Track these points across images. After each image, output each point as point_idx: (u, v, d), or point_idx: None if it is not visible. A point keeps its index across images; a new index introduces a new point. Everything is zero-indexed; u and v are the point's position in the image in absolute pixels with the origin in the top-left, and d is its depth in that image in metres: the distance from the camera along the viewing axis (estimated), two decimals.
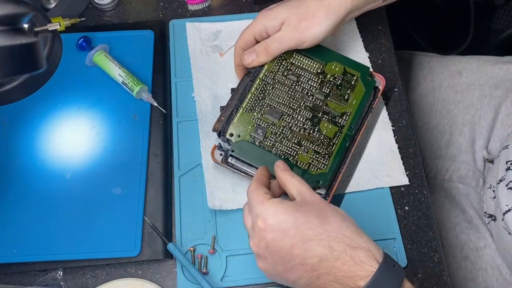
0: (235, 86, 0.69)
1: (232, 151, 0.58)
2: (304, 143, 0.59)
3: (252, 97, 0.61)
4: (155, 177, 0.63)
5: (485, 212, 0.74)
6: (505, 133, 0.77)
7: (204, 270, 0.58)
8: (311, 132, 0.60)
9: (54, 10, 0.73)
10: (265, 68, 0.62)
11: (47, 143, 0.65)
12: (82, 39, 0.70)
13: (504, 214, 0.65)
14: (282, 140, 0.59)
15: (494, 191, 0.70)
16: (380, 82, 0.64)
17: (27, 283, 0.58)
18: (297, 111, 0.61)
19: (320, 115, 0.61)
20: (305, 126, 0.60)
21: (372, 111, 0.63)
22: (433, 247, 0.60)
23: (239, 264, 0.59)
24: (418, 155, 0.66)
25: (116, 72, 0.67)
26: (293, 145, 0.59)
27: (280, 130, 0.60)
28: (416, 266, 0.59)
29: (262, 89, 0.62)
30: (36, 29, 0.43)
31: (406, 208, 0.63)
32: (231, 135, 0.59)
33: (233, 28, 0.73)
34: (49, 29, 0.44)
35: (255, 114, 0.60)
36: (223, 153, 0.61)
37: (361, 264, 0.42)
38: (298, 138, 0.59)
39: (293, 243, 0.43)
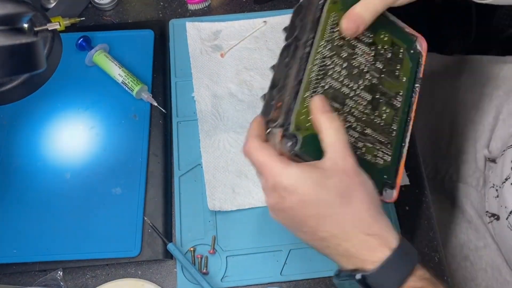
0: (235, 86, 0.69)
1: (302, 148, 0.44)
2: (368, 131, 0.49)
3: (313, 76, 0.47)
4: (155, 177, 0.63)
5: (487, 212, 0.73)
6: (507, 132, 0.77)
7: (204, 271, 0.58)
8: (372, 118, 0.50)
9: (54, 9, 0.73)
10: (318, 36, 0.48)
11: (47, 143, 0.65)
12: (82, 39, 0.70)
13: (510, 213, 0.65)
14: (348, 130, 0.48)
15: (497, 190, 0.70)
16: (422, 45, 0.56)
17: (27, 283, 0.58)
18: (357, 93, 0.49)
19: (378, 96, 0.50)
20: (366, 111, 0.49)
21: (421, 80, 0.55)
22: (433, 247, 0.60)
23: (239, 264, 0.59)
24: (418, 155, 0.66)
25: (116, 72, 0.67)
26: (359, 135, 0.49)
27: (344, 118, 0.48)
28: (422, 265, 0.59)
29: (322, 64, 0.47)
30: (36, 29, 0.44)
31: (406, 208, 0.62)
32: (298, 128, 0.45)
33: (233, 28, 0.73)
34: (49, 28, 0.44)
35: None
36: (289, 142, 0.45)
37: (371, 250, 0.41)
38: (362, 126, 0.49)
39: (309, 215, 0.42)
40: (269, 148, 0.44)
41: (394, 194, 0.51)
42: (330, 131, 0.43)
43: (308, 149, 0.45)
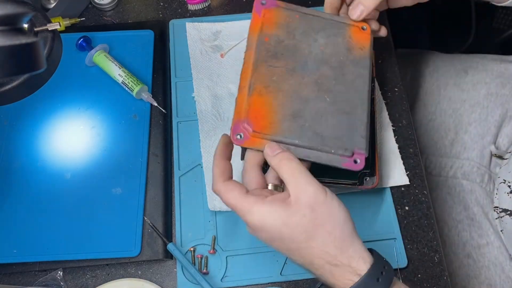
0: (235, 86, 0.69)
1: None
2: None
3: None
4: (155, 177, 0.63)
5: (497, 207, 0.73)
6: None
7: (204, 270, 0.58)
8: None
9: (54, 10, 0.73)
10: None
11: (47, 143, 0.65)
12: (82, 39, 0.70)
13: None
14: None
15: (509, 186, 0.70)
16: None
17: (27, 283, 0.58)
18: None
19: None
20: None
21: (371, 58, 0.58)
22: (433, 247, 0.60)
23: (239, 264, 0.59)
24: (418, 155, 0.66)
25: (116, 72, 0.67)
26: None
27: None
28: (416, 266, 0.59)
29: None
30: (36, 29, 0.43)
31: (406, 208, 0.62)
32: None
33: (233, 29, 0.73)
34: (49, 29, 0.44)
35: None
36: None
37: (338, 279, 0.42)
38: None
39: (280, 248, 0.45)
40: (234, 189, 0.45)
41: (374, 180, 0.57)
42: (285, 167, 0.45)
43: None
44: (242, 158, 0.57)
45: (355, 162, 0.50)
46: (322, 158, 0.50)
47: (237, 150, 0.52)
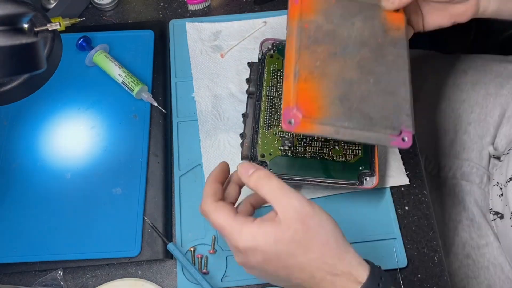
0: (235, 86, 0.69)
1: (270, 169, 0.58)
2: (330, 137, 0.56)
3: (266, 115, 0.61)
4: (155, 177, 0.63)
5: (491, 209, 0.73)
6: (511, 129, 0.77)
7: (205, 270, 0.58)
8: None
9: (54, 10, 0.73)
10: (264, 85, 0.63)
11: (47, 143, 0.65)
12: (82, 39, 0.70)
13: None
14: (311, 142, 0.60)
15: (501, 188, 0.70)
16: None
17: (27, 283, 0.58)
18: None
19: None
20: None
21: None
22: (433, 247, 0.60)
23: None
24: (418, 155, 0.66)
25: (116, 72, 0.67)
26: (322, 143, 0.60)
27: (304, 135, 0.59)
28: (416, 266, 0.59)
29: (271, 104, 0.62)
30: (36, 29, 0.43)
31: (406, 208, 0.63)
32: (263, 156, 0.59)
33: (233, 29, 0.73)
34: (49, 29, 0.44)
35: (274, 128, 0.60)
36: None
37: None
38: None
39: (276, 269, 0.43)
40: (224, 209, 0.44)
41: (374, 180, 0.58)
42: (265, 187, 0.43)
43: (277, 169, 0.58)
44: (243, 158, 0.57)
45: (403, 140, 0.51)
46: (372, 138, 0.51)
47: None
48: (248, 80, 0.64)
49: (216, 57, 0.71)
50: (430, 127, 0.83)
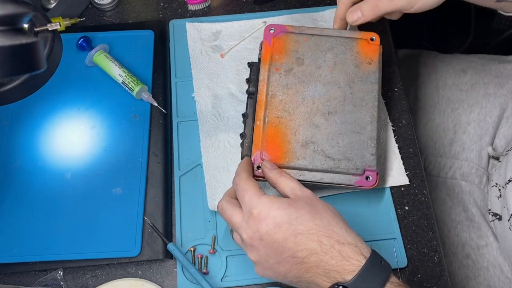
0: (235, 86, 0.69)
1: None
2: None
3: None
4: (155, 177, 0.63)
5: (489, 210, 0.74)
6: (511, 131, 0.77)
7: (205, 270, 0.58)
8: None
9: (54, 10, 0.73)
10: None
11: (47, 143, 0.65)
12: (82, 39, 0.70)
13: None
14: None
15: (499, 190, 0.70)
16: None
17: (27, 283, 0.58)
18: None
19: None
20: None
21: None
22: (433, 247, 0.60)
23: (240, 264, 0.59)
24: (418, 155, 0.66)
25: (116, 72, 0.67)
26: None
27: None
28: (416, 266, 0.59)
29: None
30: (36, 29, 0.44)
31: (406, 208, 0.63)
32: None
33: (233, 29, 0.73)
34: (49, 29, 0.44)
35: None
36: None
37: (348, 259, 0.44)
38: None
39: (286, 236, 0.45)
40: (255, 183, 0.50)
41: (374, 179, 0.58)
42: (283, 178, 0.51)
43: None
44: (243, 157, 0.59)
45: (367, 179, 0.55)
46: (335, 179, 0.55)
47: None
48: (248, 80, 0.63)
49: (216, 57, 0.71)
50: (430, 127, 0.83)
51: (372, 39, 0.60)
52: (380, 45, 0.60)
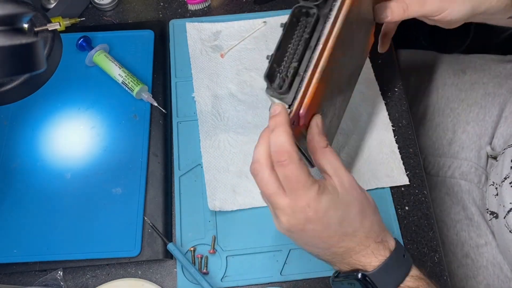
0: (235, 86, 0.69)
1: None
2: None
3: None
4: (155, 177, 0.63)
5: (487, 209, 0.74)
6: (509, 130, 0.77)
7: (204, 270, 0.58)
8: None
9: (54, 10, 0.73)
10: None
11: (47, 143, 0.65)
12: (82, 39, 0.70)
13: (508, 212, 0.65)
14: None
15: (496, 188, 0.70)
16: None
17: (27, 283, 0.58)
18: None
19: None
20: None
21: None
22: (433, 247, 0.60)
23: (240, 264, 0.59)
24: (418, 155, 0.66)
25: (116, 72, 0.67)
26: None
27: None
28: (416, 266, 0.59)
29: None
30: (36, 29, 0.44)
31: (406, 208, 0.63)
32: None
33: (233, 29, 0.73)
34: (49, 29, 0.44)
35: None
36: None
37: (377, 256, 0.45)
38: None
39: (331, 235, 0.44)
40: (304, 164, 0.43)
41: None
42: (327, 154, 0.45)
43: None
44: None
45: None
46: None
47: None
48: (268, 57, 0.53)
49: (216, 57, 0.71)
50: (429, 127, 0.83)
51: None
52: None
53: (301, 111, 0.43)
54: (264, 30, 0.73)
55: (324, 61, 0.44)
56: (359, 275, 0.44)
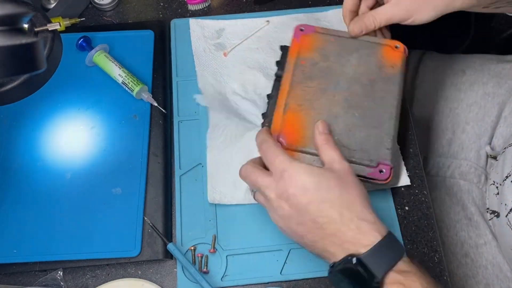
0: (237, 86, 0.69)
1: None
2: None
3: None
4: (155, 177, 0.63)
5: (488, 209, 0.74)
6: (509, 130, 0.77)
7: (205, 270, 0.58)
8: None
9: (54, 10, 0.73)
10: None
11: (47, 143, 0.65)
12: (82, 39, 0.70)
13: (510, 210, 0.65)
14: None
15: (497, 187, 0.70)
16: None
17: (27, 283, 0.58)
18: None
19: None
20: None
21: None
22: (433, 247, 0.60)
23: (240, 264, 0.59)
24: (418, 155, 0.66)
25: (116, 72, 0.67)
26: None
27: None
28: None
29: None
30: (36, 29, 0.44)
31: (406, 208, 0.63)
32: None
33: (236, 27, 0.73)
34: (49, 29, 0.44)
35: None
36: None
37: (364, 234, 0.46)
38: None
39: (310, 200, 0.47)
40: (282, 149, 0.51)
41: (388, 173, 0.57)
42: (326, 146, 0.52)
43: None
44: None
45: (381, 172, 0.55)
46: None
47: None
48: (278, 63, 0.64)
49: (219, 56, 0.71)
50: (428, 127, 0.83)
51: (396, 47, 0.62)
52: (404, 53, 0.62)
53: (276, 139, 0.55)
54: (267, 30, 0.73)
55: (282, 97, 0.58)
56: (354, 260, 0.44)
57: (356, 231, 0.46)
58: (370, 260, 0.44)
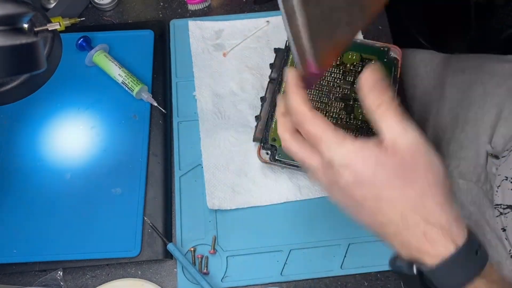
0: (236, 85, 0.69)
1: (279, 154, 0.59)
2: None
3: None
4: (155, 177, 0.63)
5: (498, 205, 0.73)
6: (510, 130, 0.77)
7: (205, 271, 0.58)
8: (348, 120, 0.62)
9: (54, 10, 0.73)
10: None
11: (47, 143, 0.65)
12: (82, 39, 0.70)
13: None
14: None
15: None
16: (397, 52, 0.67)
17: (27, 283, 0.58)
18: (329, 104, 0.63)
19: (351, 102, 0.63)
20: (340, 116, 0.62)
21: (398, 81, 0.65)
22: None
23: (240, 265, 0.59)
24: None
25: (116, 72, 0.67)
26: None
27: None
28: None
29: None
30: (36, 29, 0.43)
31: None
32: (274, 140, 0.60)
33: (236, 28, 0.73)
34: (49, 29, 0.44)
35: None
36: (269, 152, 0.60)
37: (433, 243, 0.36)
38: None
39: (366, 197, 0.38)
40: (323, 118, 0.39)
41: None
42: (387, 113, 0.39)
43: (285, 155, 0.58)
44: (255, 140, 0.61)
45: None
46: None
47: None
48: (272, 65, 0.65)
49: (218, 56, 0.71)
50: (427, 127, 0.83)
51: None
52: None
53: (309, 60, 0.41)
54: (267, 30, 0.73)
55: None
56: (414, 270, 0.37)
57: (422, 238, 0.36)
58: (435, 275, 0.36)
